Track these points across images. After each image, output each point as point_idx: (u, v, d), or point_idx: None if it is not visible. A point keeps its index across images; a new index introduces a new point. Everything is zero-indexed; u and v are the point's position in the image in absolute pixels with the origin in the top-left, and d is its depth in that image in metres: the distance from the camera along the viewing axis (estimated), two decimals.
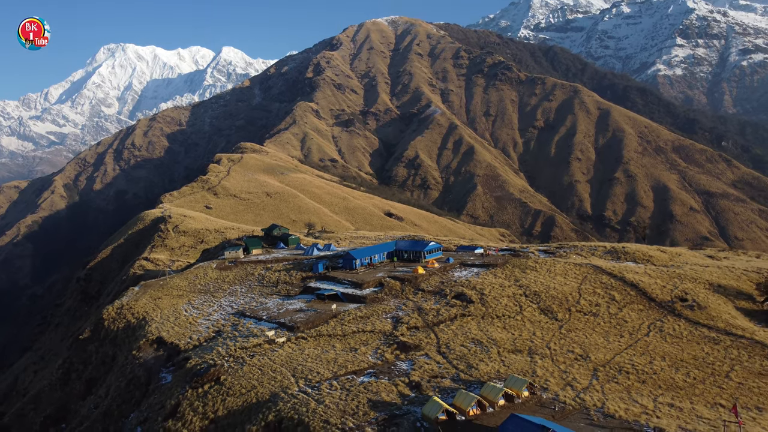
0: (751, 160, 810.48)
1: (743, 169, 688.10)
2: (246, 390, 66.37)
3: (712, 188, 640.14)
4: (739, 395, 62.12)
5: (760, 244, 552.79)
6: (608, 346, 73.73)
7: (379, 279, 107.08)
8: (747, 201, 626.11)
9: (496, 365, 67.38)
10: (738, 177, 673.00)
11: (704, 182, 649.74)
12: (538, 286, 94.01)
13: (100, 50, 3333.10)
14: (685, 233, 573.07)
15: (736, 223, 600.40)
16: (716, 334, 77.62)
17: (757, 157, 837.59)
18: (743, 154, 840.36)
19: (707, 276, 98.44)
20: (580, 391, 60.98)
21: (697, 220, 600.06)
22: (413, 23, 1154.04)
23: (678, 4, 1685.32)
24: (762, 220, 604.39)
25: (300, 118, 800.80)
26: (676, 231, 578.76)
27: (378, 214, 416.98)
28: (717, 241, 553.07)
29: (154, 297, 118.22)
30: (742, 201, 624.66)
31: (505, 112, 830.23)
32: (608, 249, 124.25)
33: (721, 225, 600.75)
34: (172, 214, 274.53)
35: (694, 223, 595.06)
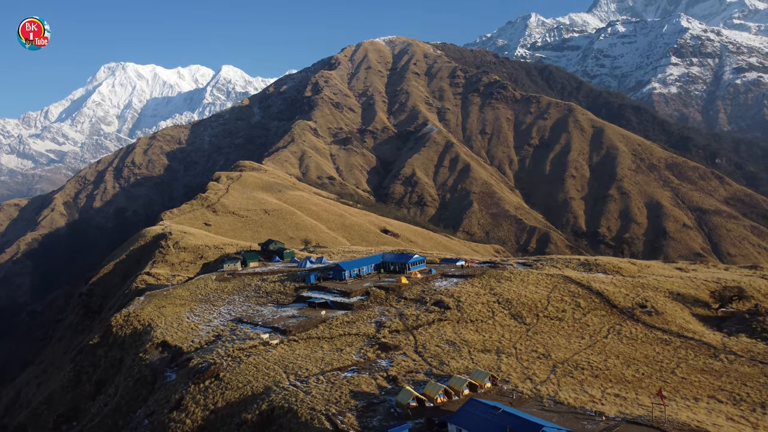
0: (744, 177, 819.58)
1: (735, 186, 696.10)
2: (242, 384, 74.52)
3: (704, 205, 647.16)
4: (680, 388, 69.93)
5: (752, 259, 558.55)
6: (569, 347, 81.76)
7: (365, 288, 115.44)
8: (739, 217, 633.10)
9: (466, 362, 75.49)
10: (730, 194, 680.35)
11: (697, 199, 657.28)
12: (510, 294, 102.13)
13: (100, 69, 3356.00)
14: (678, 249, 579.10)
15: (728, 239, 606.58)
16: (669, 336, 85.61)
17: (750, 174, 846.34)
18: (737, 171, 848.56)
19: (668, 285, 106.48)
20: (538, 384, 68.94)
21: (690, 236, 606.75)
22: (410, 43, 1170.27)
23: (672, 23, 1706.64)
24: (754, 236, 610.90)
25: (298, 136, 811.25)
26: (669, 247, 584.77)
27: (374, 231, 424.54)
28: (710, 257, 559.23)
29: (158, 305, 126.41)
30: (734, 217, 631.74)
31: (501, 130, 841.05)
32: (582, 261, 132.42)
33: (713, 241, 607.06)
34: (173, 231, 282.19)
35: (687, 239, 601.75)
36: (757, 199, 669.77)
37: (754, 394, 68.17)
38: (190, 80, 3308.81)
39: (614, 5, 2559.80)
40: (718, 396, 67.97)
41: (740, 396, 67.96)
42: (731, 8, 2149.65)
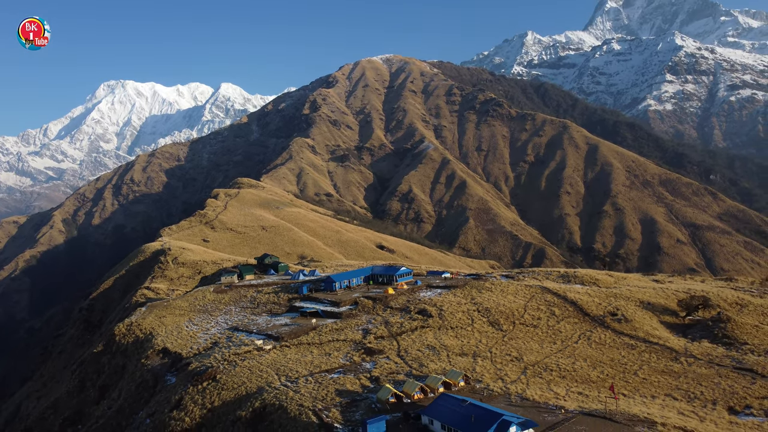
0: (739, 193, 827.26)
1: (728, 202, 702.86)
2: (237, 385, 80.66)
3: (698, 221, 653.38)
4: (640, 387, 75.97)
5: (745, 275, 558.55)
6: (541, 351, 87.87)
7: (354, 299, 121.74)
8: (732, 233, 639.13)
9: (444, 364, 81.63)
10: (723, 210, 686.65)
11: (691, 215, 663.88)
12: (490, 303, 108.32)
13: (100, 87, 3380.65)
14: (672, 265, 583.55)
15: (722, 254, 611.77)
16: (635, 341, 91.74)
17: (745, 190, 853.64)
18: (731, 187, 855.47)
19: (640, 295, 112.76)
20: (508, 383, 74.97)
21: (684, 251, 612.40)
22: (407, 61, 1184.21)
23: (667, 41, 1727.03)
24: (747, 251, 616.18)
25: (296, 153, 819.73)
26: (663, 263, 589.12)
27: (370, 247, 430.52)
28: (703, 272, 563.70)
29: (159, 315, 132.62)
30: (727, 233, 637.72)
31: (497, 147, 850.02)
32: (561, 273, 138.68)
33: (707, 256, 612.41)
34: (172, 247, 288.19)
35: (681, 254, 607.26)
36: (750, 215, 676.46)
37: (707, 393, 74.28)
38: (190, 98, 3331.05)
39: (609, 23, 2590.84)
40: (674, 394, 74.05)
41: (694, 394, 74.07)
42: (725, 26, 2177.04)
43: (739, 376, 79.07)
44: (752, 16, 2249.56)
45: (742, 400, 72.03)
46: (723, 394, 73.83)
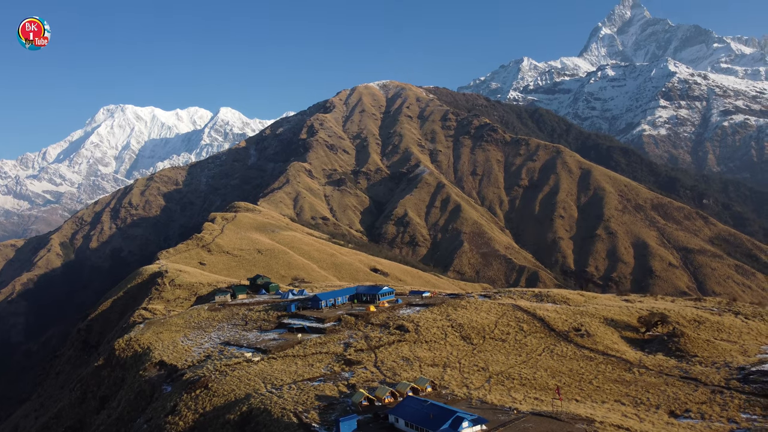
0: (732, 217, 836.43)
1: (720, 226, 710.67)
2: (227, 392, 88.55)
3: (690, 244, 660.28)
4: (593, 394, 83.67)
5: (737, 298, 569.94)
6: (506, 362, 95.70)
7: (338, 315, 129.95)
8: (724, 257, 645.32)
9: (415, 373, 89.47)
10: (715, 233, 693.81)
11: (682, 238, 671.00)
12: (463, 319, 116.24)
13: (99, 111, 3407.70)
14: (664, 288, 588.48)
15: (713, 278, 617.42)
16: (594, 354, 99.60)
17: (737, 214, 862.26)
18: (724, 211, 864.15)
19: (605, 313, 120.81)
20: (472, 390, 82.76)
21: (675, 275, 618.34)
22: (403, 87, 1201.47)
23: (660, 67, 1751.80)
24: (738, 275, 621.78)
25: (293, 177, 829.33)
26: (656, 286, 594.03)
27: (364, 270, 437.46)
28: (695, 295, 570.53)
29: (156, 332, 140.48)
30: (719, 257, 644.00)
31: (491, 171, 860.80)
32: (536, 293, 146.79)
33: (699, 280, 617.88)
34: (169, 269, 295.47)
35: (673, 278, 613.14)
36: (741, 239, 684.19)
37: (652, 399, 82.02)
38: (188, 122, 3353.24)
39: (604, 50, 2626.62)
40: (623, 400, 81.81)
41: (641, 400, 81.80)
42: (718, 53, 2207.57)
43: (684, 385, 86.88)
44: (744, 42, 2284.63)
45: (682, 405, 79.80)
46: (666, 399, 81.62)
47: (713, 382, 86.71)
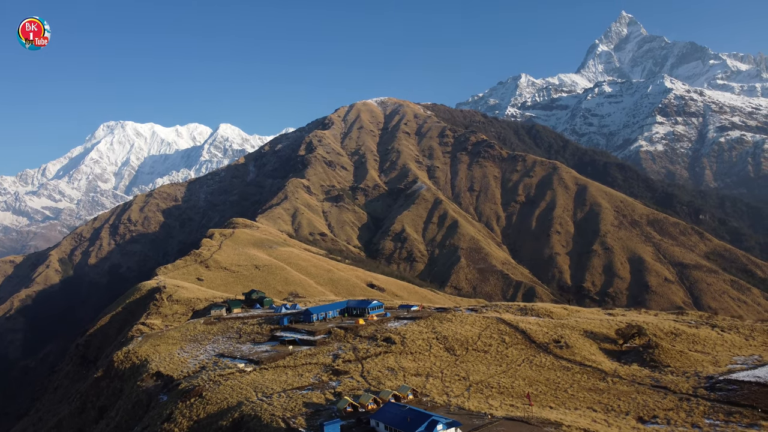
0: (728, 232, 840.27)
1: (715, 242, 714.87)
2: (220, 400, 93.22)
3: (685, 260, 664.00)
4: (567, 401, 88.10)
5: (732, 312, 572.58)
6: (487, 372, 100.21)
7: (329, 328, 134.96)
8: (719, 272, 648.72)
9: (399, 382, 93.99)
10: (710, 249, 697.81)
11: (678, 254, 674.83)
12: (448, 332, 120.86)
13: (99, 127, 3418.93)
14: (660, 303, 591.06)
15: (708, 293, 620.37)
16: (571, 364, 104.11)
17: (734, 229, 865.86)
18: (720, 227, 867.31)
19: (585, 326, 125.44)
20: (452, 397, 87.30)
21: (671, 290, 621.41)
22: (401, 104, 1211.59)
23: (656, 84, 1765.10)
24: (733, 290, 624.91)
25: (291, 193, 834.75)
26: (652, 301, 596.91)
27: (361, 285, 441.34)
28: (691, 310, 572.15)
29: (153, 344, 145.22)
30: (714, 272, 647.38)
31: (489, 187, 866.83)
32: (521, 307, 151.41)
33: (695, 295, 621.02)
34: (167, 285, 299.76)
35: (669, 293, 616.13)
36: (736, 254, 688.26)
37: (623, 406, 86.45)
38: (188, 138, 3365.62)
39: (601, 66, 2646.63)
40: (595, 407, 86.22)
41: (612, 407, 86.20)
42: (714, 69, 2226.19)
43: (654, 393, 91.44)
44: (740, 59, 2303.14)
45: (651, 412, 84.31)
46: (636, 406, 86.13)
47: (682, 390, 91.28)
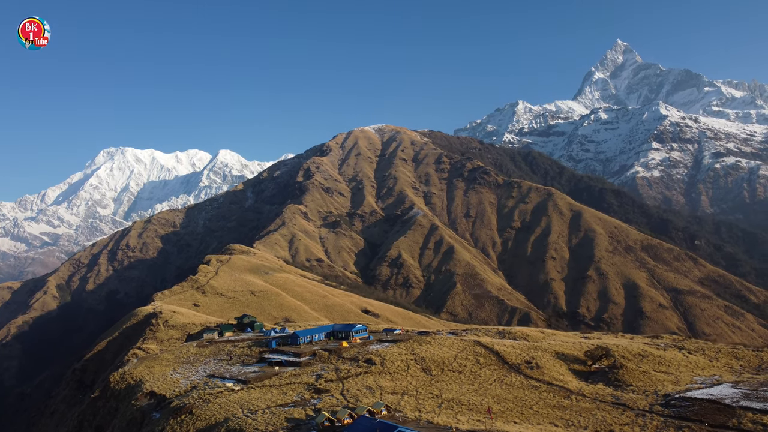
0: (724, 258, 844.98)
1: (709, 267, 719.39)
2: (209, 416, 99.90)
3: (679, 285, 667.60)
4: (531, 417, 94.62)
5: (726, 338, 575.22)
6: (459, 390, 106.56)
7: (314, 350, 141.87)
8: (713, 297, 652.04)
9: (376, 400, 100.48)
10: (704, 274, 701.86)
11: (672, 280, 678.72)
12: (426, 354, 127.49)
13: (99, 153, 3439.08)
14: (654, 329, 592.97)
15: (703, 318, 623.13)
16: (539, 383, 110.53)
17: (729, 255, 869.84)
18: (716, 252, 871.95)
19: (557, 348, 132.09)
20: (423, 413, 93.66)
21: (666, 316, 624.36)
22: (398, 131, 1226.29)
23: (652, 111, 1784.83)
24: (728, 315, 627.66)
25: (289, 219, 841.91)
26: (646, 327, 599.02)
27: (355, 311, 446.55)
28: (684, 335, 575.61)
29: (148, 366, 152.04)
30: (708, 297, 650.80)
31: (484, 213, 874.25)
32: (500, 330, 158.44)
33: (689, 320, 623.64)
34: (163, 311, 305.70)
35: (663, 319, 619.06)
36: (730, 280, 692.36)
37: (583, 421, 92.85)
38: (188, 164, 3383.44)
39: (598, 93, 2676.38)
40: (557, 422, 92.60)
41: (572, 422, 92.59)
42: (709, 96, 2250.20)
43: (613, 409, 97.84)
44: (735, 86, 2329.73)
45: (607, 426, 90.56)
46: (595, 422, 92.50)
47: (639, 407, 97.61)
